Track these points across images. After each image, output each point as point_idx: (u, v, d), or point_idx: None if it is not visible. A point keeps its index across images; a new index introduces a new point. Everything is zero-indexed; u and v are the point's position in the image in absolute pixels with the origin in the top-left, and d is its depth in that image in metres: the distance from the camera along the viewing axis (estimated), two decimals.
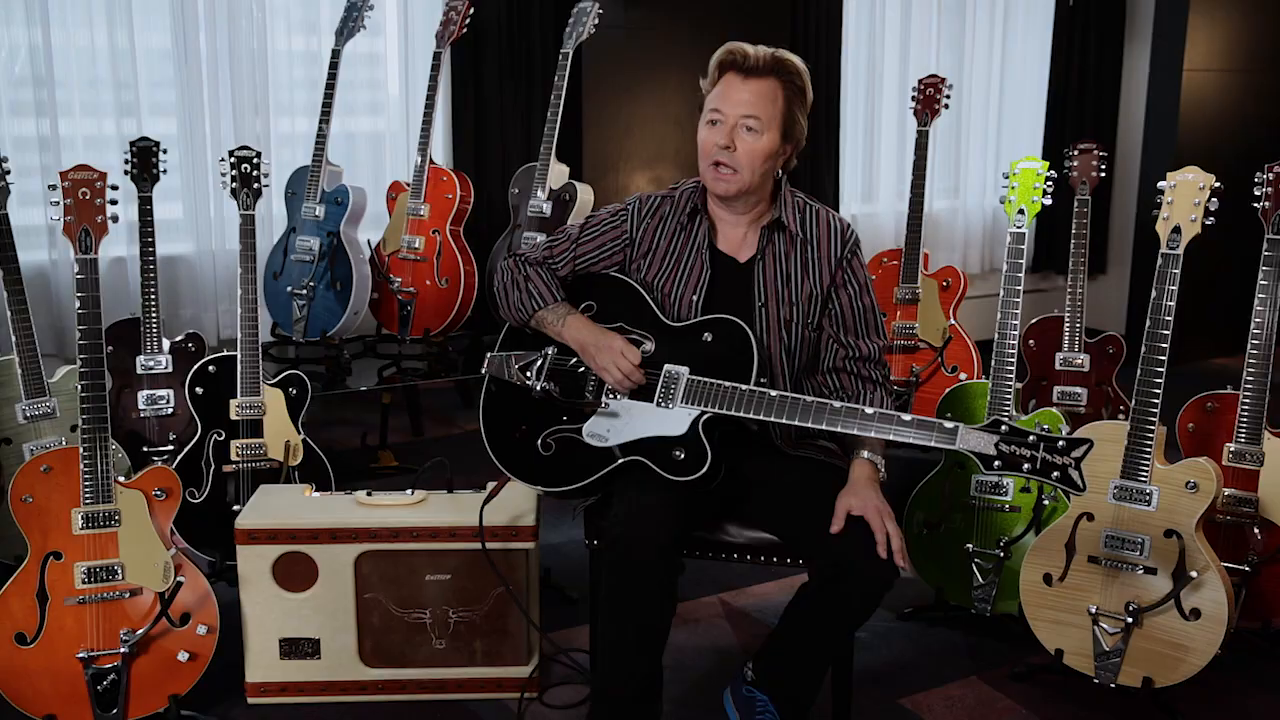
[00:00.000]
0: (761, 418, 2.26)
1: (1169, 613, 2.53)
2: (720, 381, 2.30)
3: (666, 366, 2.36)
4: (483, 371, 2.57)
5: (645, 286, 2.48)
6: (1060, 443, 2.05)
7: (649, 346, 2.40)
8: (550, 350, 2.49)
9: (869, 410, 2.20)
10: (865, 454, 2.35)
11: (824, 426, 2.23)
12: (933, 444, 2.15)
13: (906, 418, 2.17)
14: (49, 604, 2.47)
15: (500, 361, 2.54)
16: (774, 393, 2.26)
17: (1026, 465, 2.08)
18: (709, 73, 2.41)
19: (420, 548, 2.59)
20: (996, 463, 2.10)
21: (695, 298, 2.44)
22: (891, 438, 2.18)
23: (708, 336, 2.36)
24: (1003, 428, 2.09)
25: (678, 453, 2.31)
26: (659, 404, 2.35)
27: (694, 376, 2.33)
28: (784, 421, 2.25)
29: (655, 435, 2.34)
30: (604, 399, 2.41)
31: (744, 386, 2.28)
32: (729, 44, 2.38)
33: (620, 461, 2.37)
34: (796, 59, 2.40)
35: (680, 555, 2.33)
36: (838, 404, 2.22)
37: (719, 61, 2.38)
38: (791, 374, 2.44)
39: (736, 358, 2.32)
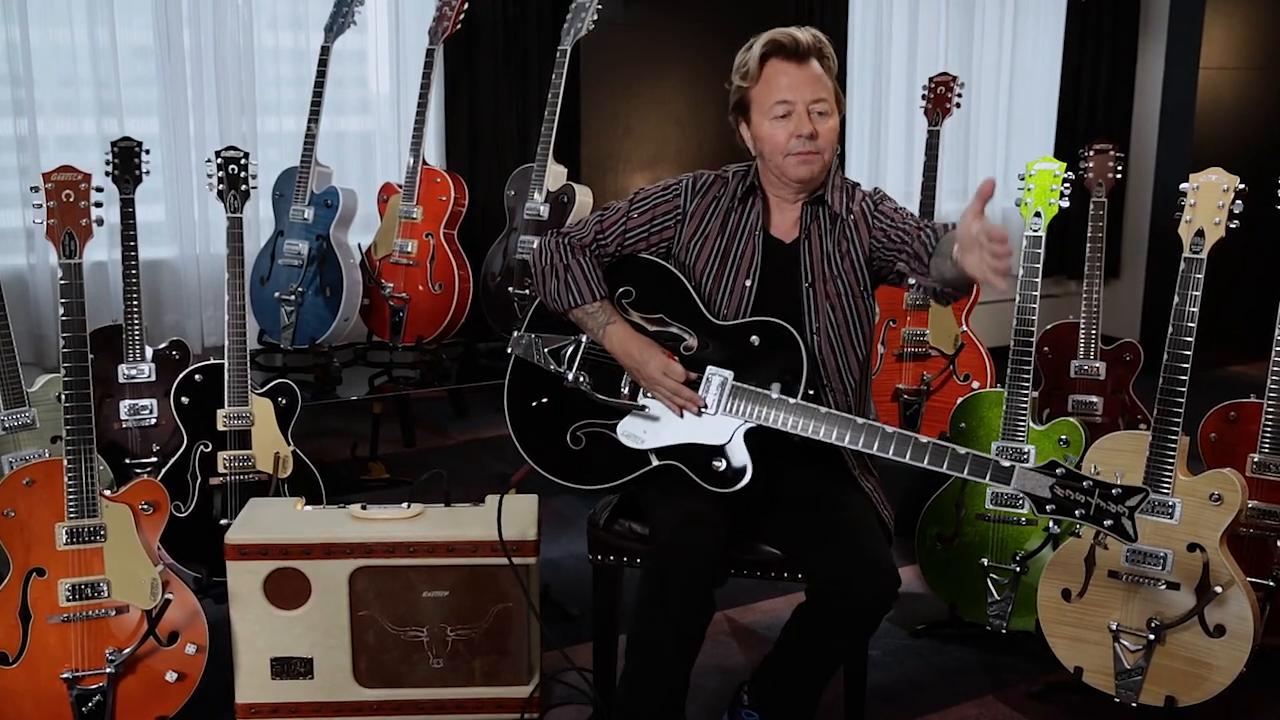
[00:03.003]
0: (809, 435, 2.24)
1: (1192, 629, 2.54)
2: (766, 391, 2.28)
3: (710, 370, 2.35)
4: (508, 350, 2.54)
5: (690, 276, 2.46)
6: (1115, 490, 2.06)
7: (691, 343, 2.38)
8: (583, 338, 2.47)
9: (924, 440, 2.18)
10: None
11: (874, 451, 2.21)
12: (987, 481, 2.15)
13: (961, 452, 2.15)
14: (32, 622, 2.46)
15: (528, 343, 2.51)
16: (824, 410, 2.24)
17: (1080, 511, 2.08)
18: (749, 65, 2.39)
19: (417, 563, 2.58)
20: (1050, 506, 2.10)
21: (749, 283, 2.43)
22: (944, 470, 2.17)
23: (755, 340, 2.34)
24: (1059, 470, 2.10)
25: (718, 463, 2.30)
26: (700, 409, 2.34)
27: (738, 383, 2.32)
28: (832, 441, 2.23)
29: (694, 442, 2.33)
30: (641, 398, 2.40)
31: (793, 400, 2.26)
32: (771, 33, 2.38)
33: (655, 465, 2.36)
34: (819, 32, 2.42)
35: (727, 566, 2.32)
36: (890, 429, 2.20)
37: (764, 52, 2.37)
38: (837, 363, 2.42)
39: (784, 365, 2.30)
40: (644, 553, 2.38)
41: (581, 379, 2.44)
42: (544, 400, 2.49)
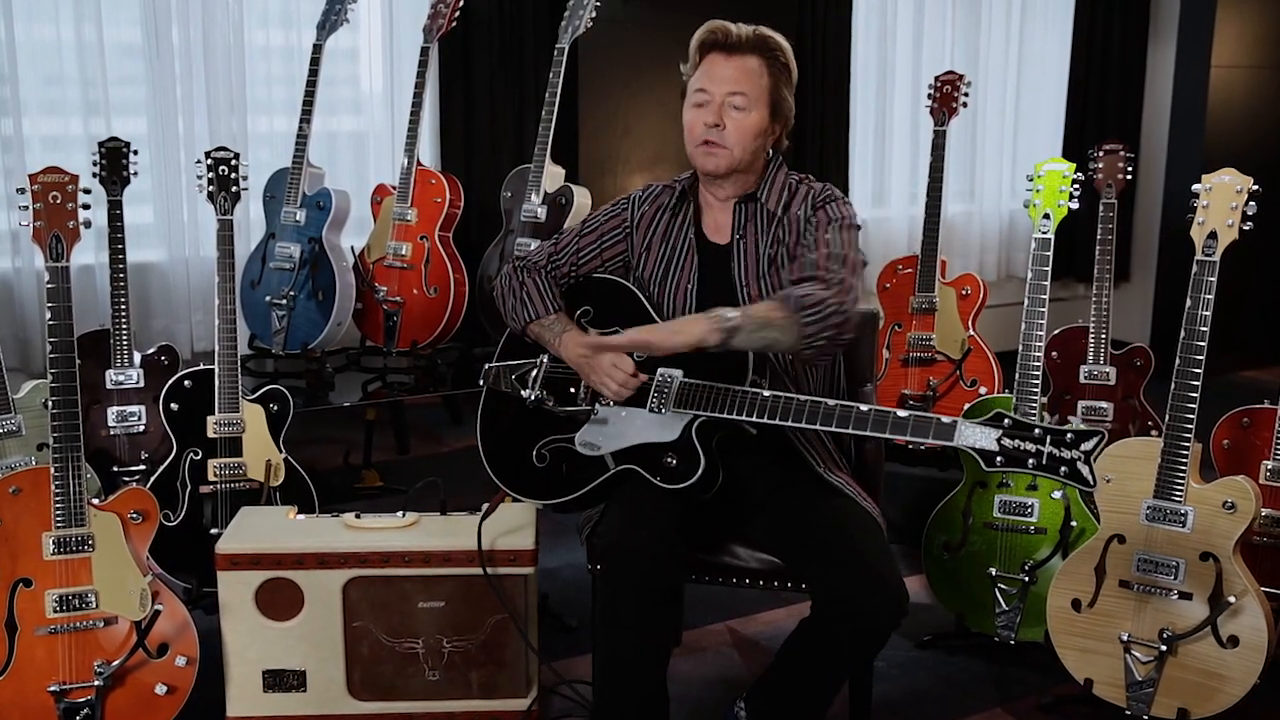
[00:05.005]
0: (754, 419, 2.28)
1: (1205, 640, 2.54)
2: (713, 384, 2.33)
3: (660, 370, 2.40)
4: (480, 382, 2.62)
5: (641, 285, 2.54)
6: (1068, 435, 2.05)
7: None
8: (545, 358, 2.54)
9: (864, 408, 2.21)
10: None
11: (817, 426, 2.24)
12: (931, 440, 2.15)
13: (902, 414, 2.18)
14: (18, 634, 2.46)
15: (497, 372, 2.60)
16: (766, 393, 2.28)
17: (1031, 461, 2.07)
18: (690, 55, 2.47)
19: (412, 573, 2.59)
20: (999, 459, 2.09)
21: (690, 287, 2.49)
22: (887, 436, 2.19)
23: None
24: (1005, 421, 2.10)
25: (670, 459, 2.34)
26: (652, 409, 2.38)
27: (688, 380, 2.36)
28: (776, 423, 2.27)
29: (648, 442, 2.38)
30: (595, 406, 2.44)
31: (736, 388, 2.31)
32: (709, 23, 2.45)
33: (614, 471, 2.40)
34: (779, 36, 2.45)
35: (679, 566, 2.35)
36: (831, 402, 2.23)
37: (700, 42, 2.45)
38: (787, 360, 2.45)
39: (731, 358, 2.33)
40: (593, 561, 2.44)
41: (542, 395, 2.50)
42: (511, 424, 2.56)
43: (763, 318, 2.25)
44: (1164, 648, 2.56)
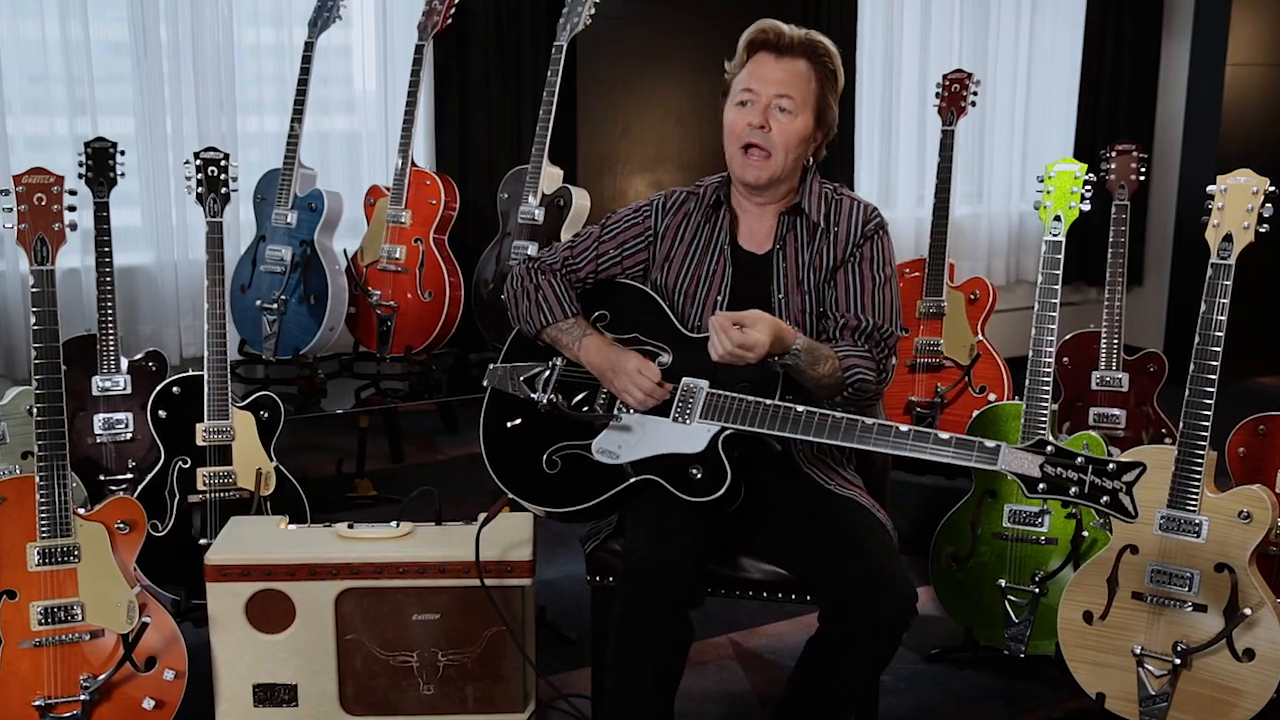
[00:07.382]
0: (787, 435, 2.28)
1: (1220, 653, 2.55)
2: (742, 396, 2.32)
3: (685, 380, 2.39)
4: (484, 384, 2.60)
5: (663, 293, 2.53)
6: (1110, 465, 2.07)
7: (666, 359, 2.44)
8: (558, 361, 2.53)
9: (904, 428, 2.21)
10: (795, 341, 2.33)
11: (854, 445, 2.24)
12: (973, 464, 2.17)
13: (944, 436, 2.19)
14: (2, 647, 2.47)
15: (503, 374, 2.58)
16: (800, 408, 2.28)
17: (1074, 489, 2.09)
18: (737, 53, 2.47)
19: (407, 585, 2.59)
20: (1041, 485, 2.11)
21: (720, 298, 2.48)
22: (928, 457, 2.19)
23: None
24: (1048, 448, 2.11)
25: (695, 471, 2.33)
26: (676, 419, 2.37)
27: (714, 390, 2.36)
28: (810, 439, 2.27)
29: (671, 452, 2.36)
30: (616, 412, 2.44)
31: (768, 401, 2.30)
32: (761, 22, 2.44)
33: (632, 480, 2.39)
34: (829, 42, 2.46)
35: (702, 583, 2.34)
36: (869, 421, 2.23)
37: (749, 40, 2.45)
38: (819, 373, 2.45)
39: (760, 370, 2.33)
40: (616, 575, 2.42)
41: (556, 399, 2.49)
42: (519, 429, 2.54)
43: (817, 356, 2.34)
44: (1178, 661, 2.57)
